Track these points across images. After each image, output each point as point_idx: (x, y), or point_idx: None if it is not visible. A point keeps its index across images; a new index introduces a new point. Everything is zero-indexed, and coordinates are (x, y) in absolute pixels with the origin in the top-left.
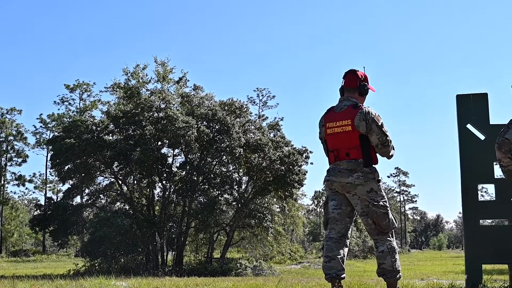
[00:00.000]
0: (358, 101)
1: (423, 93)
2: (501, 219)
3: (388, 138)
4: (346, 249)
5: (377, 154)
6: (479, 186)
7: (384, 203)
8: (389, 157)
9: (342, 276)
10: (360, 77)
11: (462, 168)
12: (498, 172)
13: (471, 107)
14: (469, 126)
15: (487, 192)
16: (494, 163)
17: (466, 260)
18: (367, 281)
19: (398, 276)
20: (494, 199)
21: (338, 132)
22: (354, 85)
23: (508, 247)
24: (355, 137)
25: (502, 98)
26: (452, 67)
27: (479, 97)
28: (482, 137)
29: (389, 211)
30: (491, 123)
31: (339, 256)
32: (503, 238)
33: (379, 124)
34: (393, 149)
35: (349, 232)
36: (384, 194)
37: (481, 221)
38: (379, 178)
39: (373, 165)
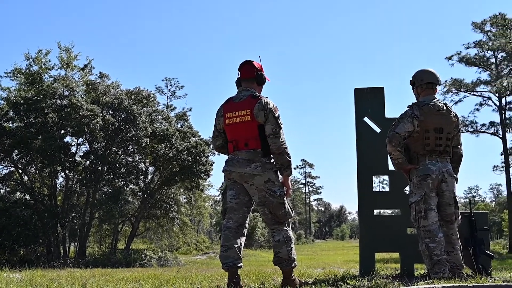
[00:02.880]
0: (256, 91)
1: (328, 86)
2: (395, 209)
3: (281, 130)
4: (243, 239)
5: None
6: (381, 178)
7: (281, 193)
8: (279, 150)
9: (239, 265)
10: (257, 67)
11: (358, 159)
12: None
13: (368, 101)
14: (366, 119)
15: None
16: (389, 156)
17: (360, 248)
18: (266, 270)
19: (293, 264)
20: (388, 190)
21: (237, 122)
22: (252, 75)
23: (399, 236)
24: (254, 127)
25: (397, 92)
26: (351, 61)
27: (375, 91)
28: (378, 130)
29: (286, 201)
30: (386, 116)
31: (236, 246)
32: (395, 227)
33: (276, 115)
34: (287, 154)
35: (247, 221)
36: (281, 184)
37: (375, 211)
38: (277, 169)
39: (271, 156)
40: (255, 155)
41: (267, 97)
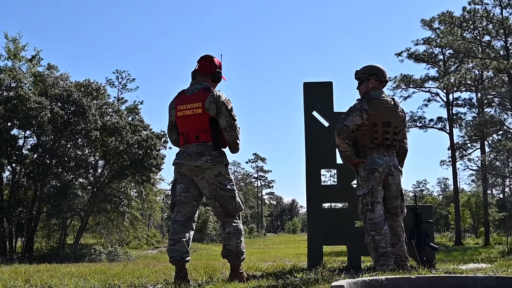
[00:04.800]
0: (210, 85)
1: (278, 80)
2: (342, 202)
3: (236, 122)
4: (192, 232)
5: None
6: (332, 172)
7: (232, 186)
8: (236, 141)
9: (187, 259)
10: (216, 64)
11: (307, 153)
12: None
13: (317, 95)
14: (314, 113)
15: None
16: (337, 148)
17: (308, 242)
18: (214, 264)
19: (242, 257)
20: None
21: (188, 115)
22: (209, 70)
23: (346, 229)
24: (205, 120)
25: (346, 86)
26: (300, 56)
27: (324, 86)
28: (326, 124)
29: (236, 194)
30: (335, 110)
31: (184, 239)
32: (343, 220)
33: (229, 107)
34: (239, 140)
35: (196, 215)
36: (232, 178)
37: (326, 204)
38: (227, 162)
39: (222, 149)
40: (206, 148)
41: (219, 90)
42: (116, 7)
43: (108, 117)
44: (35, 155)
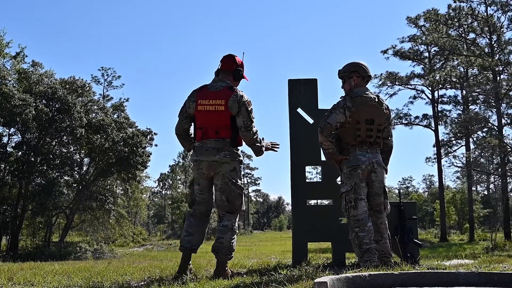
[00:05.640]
0: (232, 84)
1: (262, 77)
2: (327, 199)
3: (252, 124)
4: (207, 225)
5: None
6: (318, 169)
7: (241, 184)
8: (250, 142)
9: (195, 250)
10: (237, 62)
11: (291, 150)
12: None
13: (302, 92)
14: (299, 110)
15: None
16: (320, 146)
17: (293, 239)
18: (198, 261)
19: (230, 255)
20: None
21: (210, 110)
22: (231, 68)
23: (331, 226)
24: (226, 117)
25: (330, 83)
26: (285, 53)
27: (309, 83)
28: (311, 121)
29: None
30: (319, 107)
31: (197, 233)
32: (327, 217)
33: (249, 109)
34: (258, 142)
35: (211, 211)
36: (241, 177)
37: (312, 201)
38: (242, 160)
39: (238, 147)
40: (224, 144)
41: (241, 91)
42: (102, 3)
43: (94, 115)
44: (20, 153)
